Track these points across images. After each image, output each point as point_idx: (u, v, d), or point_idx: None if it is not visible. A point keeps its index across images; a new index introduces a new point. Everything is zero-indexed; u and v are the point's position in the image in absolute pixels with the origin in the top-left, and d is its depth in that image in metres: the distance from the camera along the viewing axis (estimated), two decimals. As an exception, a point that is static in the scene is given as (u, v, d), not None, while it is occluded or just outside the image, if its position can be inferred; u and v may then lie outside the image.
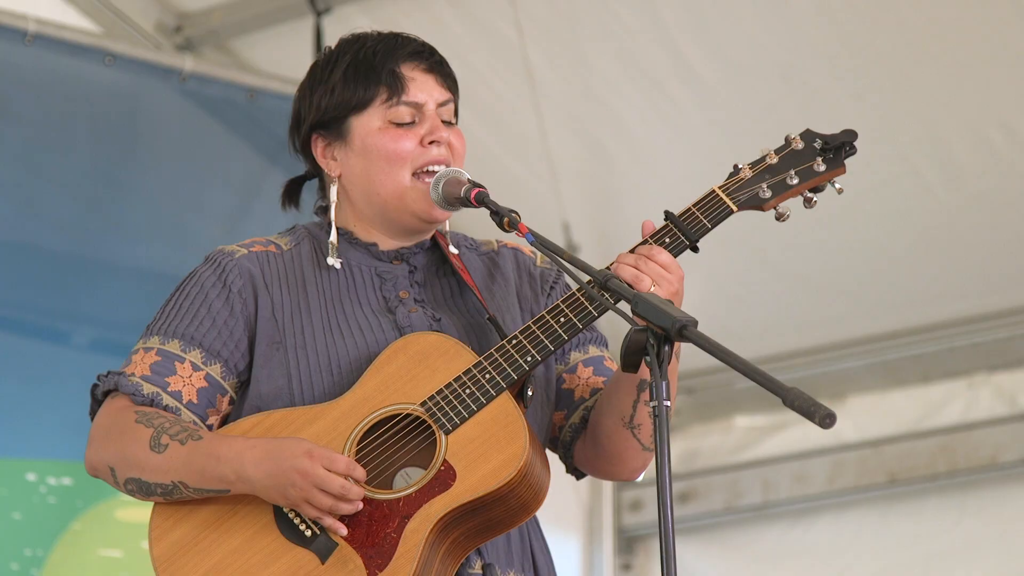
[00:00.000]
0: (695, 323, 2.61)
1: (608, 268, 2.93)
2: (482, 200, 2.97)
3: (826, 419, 2.44)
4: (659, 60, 5.67)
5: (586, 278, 2.86)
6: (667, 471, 2.56)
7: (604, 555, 6.74)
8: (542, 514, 3.11)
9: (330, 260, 3.08)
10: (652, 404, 2.59)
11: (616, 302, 2.86)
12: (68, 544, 5.18)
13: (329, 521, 2.85)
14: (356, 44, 3.12)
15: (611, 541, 6.76)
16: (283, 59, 5.95)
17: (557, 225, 6.09)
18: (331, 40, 5.65)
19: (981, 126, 5.57)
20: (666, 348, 2.62)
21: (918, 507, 6.26)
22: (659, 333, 2.62)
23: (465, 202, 3.00)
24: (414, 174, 3.06)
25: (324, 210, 3.18)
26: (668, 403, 2.60)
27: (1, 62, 5.31)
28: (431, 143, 3.06)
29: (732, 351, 2.56)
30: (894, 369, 6.37)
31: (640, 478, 3.15)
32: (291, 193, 3.23)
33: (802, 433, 6.42)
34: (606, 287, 2.82)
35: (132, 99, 5.59)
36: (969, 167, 5.68)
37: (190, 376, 3.01)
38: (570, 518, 6.69)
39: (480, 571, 2.94)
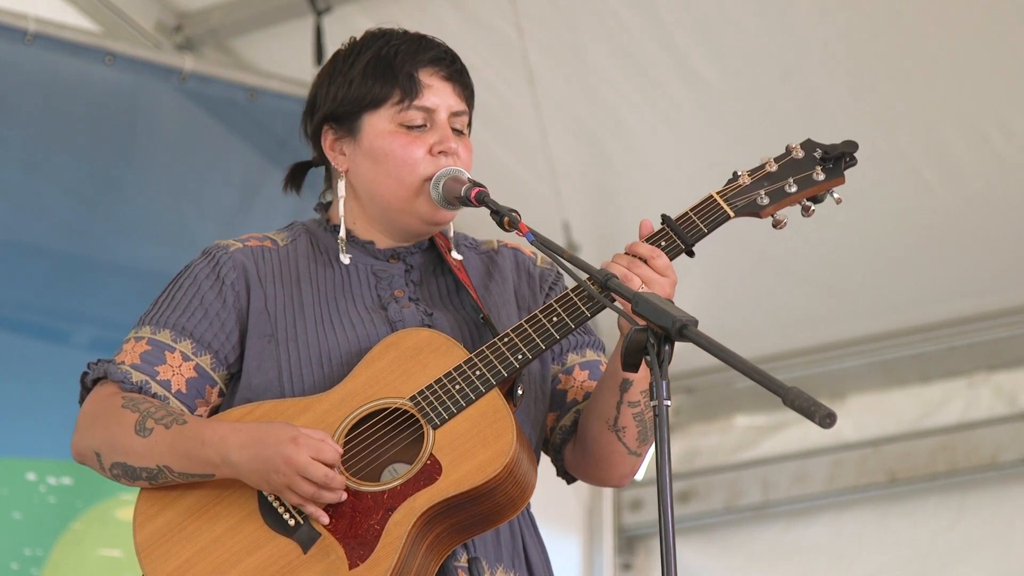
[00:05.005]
0: (695, 322, 2.62)
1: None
2: (482, 199, 2.97)
3: (826, 418, 2.45)
4: (659, 60, 5.67)
5: (587, 277, 2.87)
6: (667, 471, 2.56)
7: (604, 555, 6.74)
8: (541, 513, 3.11)
9: (342, 257, 3.08)
10: (652, 403, 2.59)
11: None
12: (68, 544, 5.18)
13: (311, 508, 2.85)
14: (381, 40, 3.10)
15: (611, 540, 6.76)
16: (283, 59, 5.96)
17: (557, 225, 6.09)
18: (331, 40, 5.70)
19: (981, 126, 5.58)
20: (666, 347, 2.62)
21: (918, 506, 6.26)
22: (659, 332, 2.62)
23: (465, 201, 3.00)
24: (424, 181, 3.05)
25: (324, 208, 3.19)
26: (668, 402, 2.60)
27: (1, 62, 5.31)
28: (440, 152, 3.05)
29: (732, 350, 2.56)
30: (894, 369, 6.37)
31: (640, 476, 3.15)
32: (295, 177, 3.23)
33: (802, 433, 6.42)
34: (606, 286, 2.82)
35: (132, 99, 5.58)
36: (969, 167, 5.68)
37: (180, 366, 3.01)
38: (570, 518, 6.69)
39: (466, 564, 2.94)
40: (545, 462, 3.14)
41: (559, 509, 6.48)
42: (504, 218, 2.94)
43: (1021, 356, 6.18)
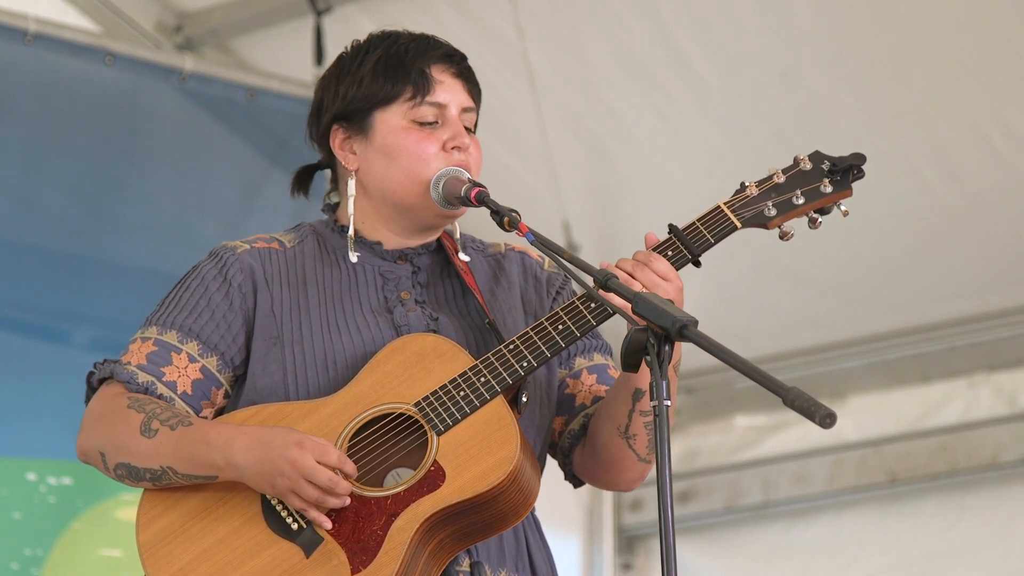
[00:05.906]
0: (695, 322, 2.61)
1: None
2: (482, 199, 2.98)
3: (826, 419, 2.45)
4: (659, 60, 5.67)
5: (587, 278, 2.87)
6: (667, 471, 2.56)
7: (604, 555, 6.74)
8: (541, 514, 3.11)
9: (351, 256, 3.08)
10: (652, 403, 2.59)
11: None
12: (68, 544, 5.18)
13: (314, 514, 2.84)
14: (388, 40, 3.11)
15: (611, 540, 6.76)
16: (283, 59, 5.96)
17: (557, 225, 6.09)
18: (331, 40, 5.70)
19: (981, 126, 5.58)
20: (666, 348, 2.62)
21: (918, 507, 6.26)
22: (659, 333, 2.62)
23: (465, 201, 3.00)
24: None
25: (332, 208, 3.19)
26: (668, 402, 2.60)
27: (1, 62, 5.31)
28: (453, 148, 3.06)
29: (732, 351, 2.56)
30: (894, 369, 6.37)
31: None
32: (302, 180, 3.22)
33: (802, 433, 6.42)
34: (606, 287, 2.82)
35: (132, 99, 5.58)
36: (969, 167, 5.68)
37: (186, 367, 3.01)
38: (570, 518, 6.69)
39: (468, 569, 2.94)
40: (549, 465, 3.14)
41: (559, 509, 6.48)
42: (504, 218, 2.94)
43: (1021, 356, 6.19)
